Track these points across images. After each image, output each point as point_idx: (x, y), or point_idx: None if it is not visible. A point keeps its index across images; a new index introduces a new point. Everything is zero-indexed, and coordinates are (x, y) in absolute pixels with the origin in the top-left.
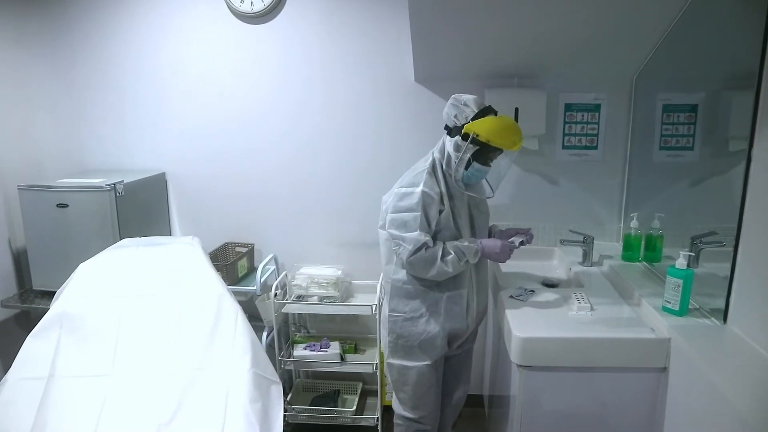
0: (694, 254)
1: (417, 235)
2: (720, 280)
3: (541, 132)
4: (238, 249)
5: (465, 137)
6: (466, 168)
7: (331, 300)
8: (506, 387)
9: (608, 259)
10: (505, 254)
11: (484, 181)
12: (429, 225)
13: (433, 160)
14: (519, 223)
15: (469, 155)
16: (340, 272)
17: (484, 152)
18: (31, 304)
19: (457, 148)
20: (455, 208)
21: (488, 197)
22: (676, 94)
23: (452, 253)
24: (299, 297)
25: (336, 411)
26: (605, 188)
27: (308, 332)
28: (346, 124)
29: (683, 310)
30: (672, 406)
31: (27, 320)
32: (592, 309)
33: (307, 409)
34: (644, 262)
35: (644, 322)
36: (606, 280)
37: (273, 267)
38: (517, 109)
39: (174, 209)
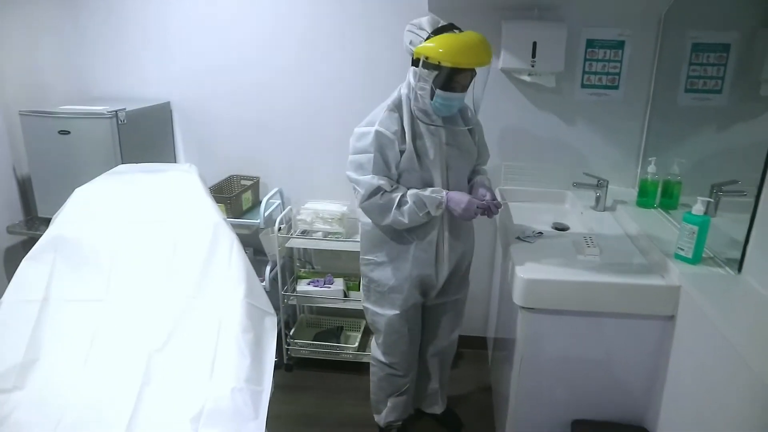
0: (713, 201)
1: (370, 179)
2: (737, 229)
3: (560, 69)
4: (243, 182)
5: (416, 63)
6: (432, 98)
7: (336, 236)
8: (509, 330)
9: (622, 204)
10: (470, 212)
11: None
12: (388, 167)
13: (399, 96)
14: (530, 164)
15: (430, 83)
16: (345, 208)
17: (444, 77)
18: (36, 230)
19: (416, 76)
20: (422, 149)
21: (465, 127)
22: (707, 33)
23: (410, 202)
24: (304, 232)
25: (338, 347)
26: (623, 131)
27: (313, 268)
28: (356, 57)
29: (697, 258)
30: (677, 356)
31: (32, 246)
32: (601, 253)
33: (310, 343)
34: (660, 209)
35: (654, 269)
36: (618, 225)
37: (278, 201)
38: (534, 44)
39: (179, 140)
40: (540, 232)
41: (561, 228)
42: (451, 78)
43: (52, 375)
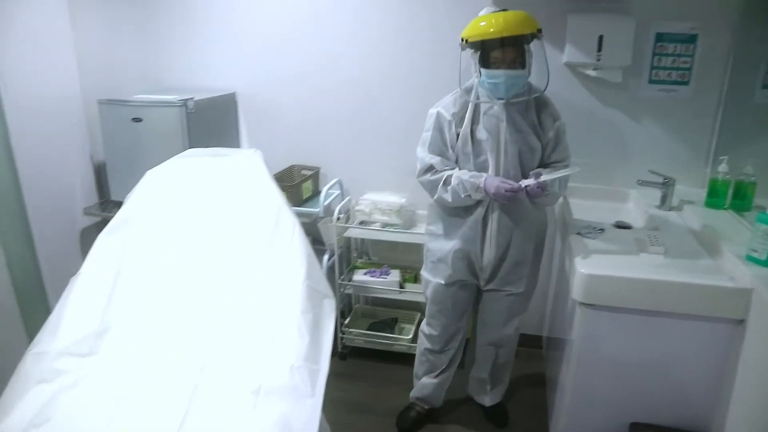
0: None
1: (425, 156)
2: None
3: (627, 63)
4: (303, 171)
5: (462, 48)
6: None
7: (394, 227)
8: (566, 328)
9: (689, 204)
10: (500, 196)
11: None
12: (444, 147)
13: (473, 81)
14: (592, 160)
15: (474, 64)
16: (404, 200)
17: (480, 54)
18: (109, 212)
19: (465, 62)
20: (478, 133)
21: (499, 99)
22: None
23: (453, 183)
24: (362, 222)
25: (392, 338)
26: (693, 129)
27: (369, 259)
28: (420, 49)
29: None
30: (747, 362)
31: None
32: (666, 252)
33: (365, 333)
34: (731, 210)
35: (723, 271)
36: (685, 225)
37: (337, 191)
38: (601, 37)
39: (243, 129)
40: (602, 229)
41: (623, 226)
42: (486, 54)
43: (123, 344)
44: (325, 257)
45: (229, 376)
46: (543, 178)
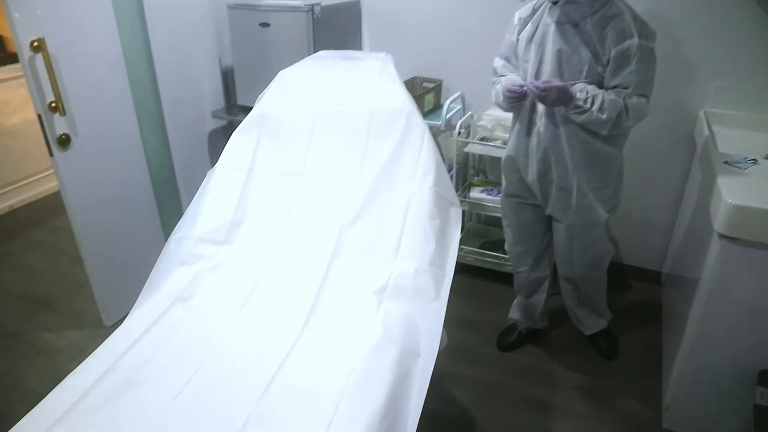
0: None
1: (495, 59)
2: None
3: None
4: (425, 84)
5: None
6: None
7: None
8: (697, 264)
9: None
10: (504, 99)
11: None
12: (510, 51)
13: None
14: (746, 84)
15: None
16: None
17: None
18: (235, 116)
19: None
20: (526, 39)
21: (553, 3)
22: None
23: (496, 86)
24: (483, 139)
25: (504, 258)
26: None
27: (486, 177)
28: None
29: None
30: None
31: (231, 131)
32: None
33: (476, 251)
34: None
35: None
36: None
37: (459, 106)
38: None
39: (366, 38)
40: (754, 159)
41: None
42: None
43: (255, 235)
44: None
45: (354, 274)
46: (576, 87)
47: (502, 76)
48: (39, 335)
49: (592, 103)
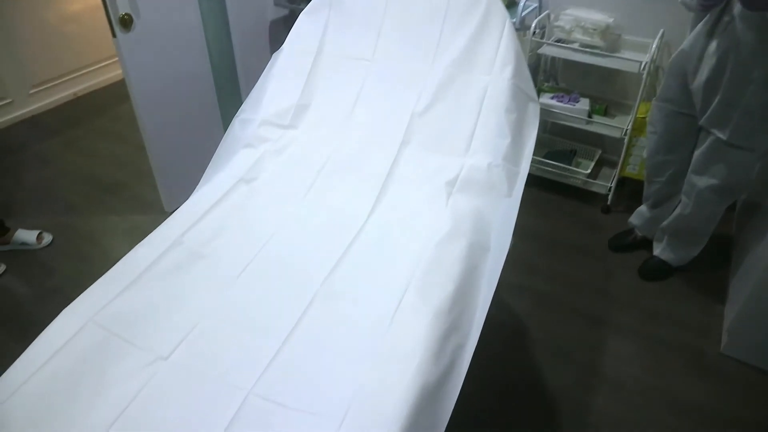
0: None
1: None
2: None
3: None
4: None
5: None
6: None
7: (594, 50)
8: None
9: None
10: None
11: None
12: None
13: None
14: None
15: None
16: (611, 20)
17: None
18: (297, 5)
19: None
20: None
21: None
22: None
23: None
24: (559, 40)
25: (570, 170)
26: None
27: (557, 84)
28: None
29: None
30: None
31: (293, 20)
32: None
33: (541, 161)
34: None
35: None
36: None
37: (535, 4)
38: None
39: None
40: None
41: None
42: None
43: (321, 120)
44: None
45: (424, 164)
46: None
47: None
48: (105, 217)
49: None
